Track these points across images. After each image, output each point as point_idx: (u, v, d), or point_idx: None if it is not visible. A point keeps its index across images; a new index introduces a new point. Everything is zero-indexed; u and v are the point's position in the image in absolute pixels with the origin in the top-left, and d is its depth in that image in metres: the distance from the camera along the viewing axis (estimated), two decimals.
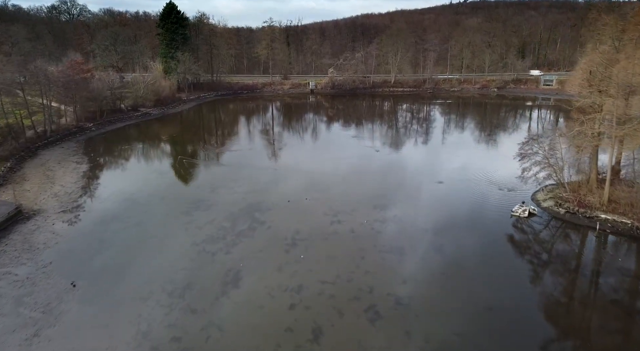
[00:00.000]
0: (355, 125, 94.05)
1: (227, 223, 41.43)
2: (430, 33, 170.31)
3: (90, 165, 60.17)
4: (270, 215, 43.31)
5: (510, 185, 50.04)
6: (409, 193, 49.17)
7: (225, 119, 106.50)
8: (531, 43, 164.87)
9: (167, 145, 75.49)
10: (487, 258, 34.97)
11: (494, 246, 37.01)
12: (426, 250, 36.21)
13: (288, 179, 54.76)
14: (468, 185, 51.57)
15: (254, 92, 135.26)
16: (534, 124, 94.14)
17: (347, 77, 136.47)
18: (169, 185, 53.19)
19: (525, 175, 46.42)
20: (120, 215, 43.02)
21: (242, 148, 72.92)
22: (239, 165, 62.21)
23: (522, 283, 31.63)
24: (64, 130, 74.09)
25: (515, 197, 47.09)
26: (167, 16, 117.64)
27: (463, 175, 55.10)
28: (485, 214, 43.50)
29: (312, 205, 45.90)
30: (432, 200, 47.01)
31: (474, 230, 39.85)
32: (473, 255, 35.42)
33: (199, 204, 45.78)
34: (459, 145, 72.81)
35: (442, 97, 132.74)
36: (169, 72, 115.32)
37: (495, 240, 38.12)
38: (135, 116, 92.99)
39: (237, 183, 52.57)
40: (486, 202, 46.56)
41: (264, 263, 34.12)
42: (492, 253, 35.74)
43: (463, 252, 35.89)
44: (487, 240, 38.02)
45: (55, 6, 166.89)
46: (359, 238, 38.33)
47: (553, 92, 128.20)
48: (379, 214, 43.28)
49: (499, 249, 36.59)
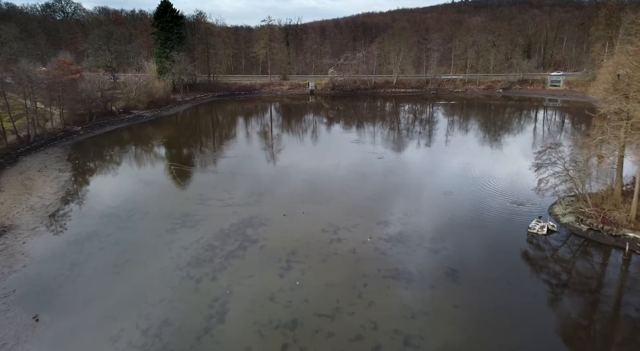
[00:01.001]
0: (357, 128, 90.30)
1: (216, 241, 37.58)
2: (433, 32, 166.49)
3: (74, 173, 56.37)
4: (264, 231, 39.46)
5: (524, 196, 46.22)
6: (415, 206, 45.27)
7: (221, 122, 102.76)
8: (537, 42, 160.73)
9: (157, 150, 71.64)
10: (504, 285, 31.08)
11: (513, 270, 33.10)
12: (436, 275, 32.30)
13: (284, 189, 50.90)
14: (478, 196, 47.68)
15: (252, 93, 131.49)
16: (545, 128, 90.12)
17: (347, 78, 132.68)
18: (155, 196, 49.30)
19: (541, 187, 42.58)
20: (99, 233, 39.17)
21: (237, 154, 69.25)
22: (233, 172, 58.35)
23: (545, 316, 27.74)
24: (50, 134, 70.30)
25: (530, 211, 43.27)
26: (161, 15, 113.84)
27: (472, 185, 51.20)
28: (499, 231, 39.60)
29: (309, 219, 42.05)
30: (440, 215, 43.09)
31: (488, 250, 35.94)
32: (489, 281, 31.53)
33: (186, 219, 41.94)
34: (466, 151, 68.94)
35: (446, 98, 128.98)
36: (163, 73, 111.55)
37: (513, 263, 34.21)
38: (127, 119, 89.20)
39: (230, 194, 48.76)
40: (499, 216, 42.66)
41: (255, 291, 30.27)
42: (510, 278, 31.84)
43: (477, 278, 32.00)
44: (504, 263, 34.10)
45: (50, 4, 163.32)
46: (361, 261, 34.45)
47: (561, 93, 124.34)
48: (383, 231, 39.39)
49: (518, 273, 32.68)
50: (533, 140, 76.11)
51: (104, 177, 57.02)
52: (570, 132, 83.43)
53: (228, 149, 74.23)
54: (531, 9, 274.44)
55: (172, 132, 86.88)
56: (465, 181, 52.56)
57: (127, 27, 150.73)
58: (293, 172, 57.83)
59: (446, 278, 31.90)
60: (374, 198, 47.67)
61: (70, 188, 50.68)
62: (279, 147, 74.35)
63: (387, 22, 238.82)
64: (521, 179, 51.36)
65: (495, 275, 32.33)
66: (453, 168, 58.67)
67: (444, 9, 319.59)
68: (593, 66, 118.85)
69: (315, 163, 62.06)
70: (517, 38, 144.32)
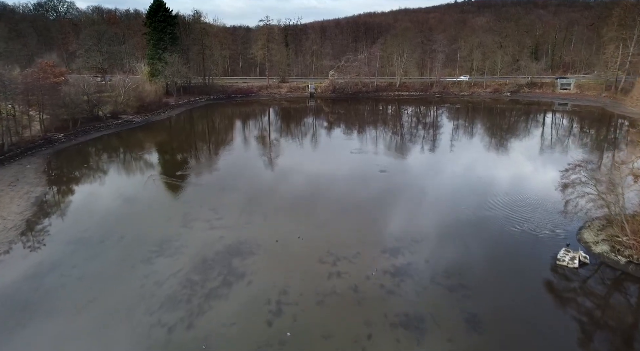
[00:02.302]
0: (358, 134, 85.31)
1: (197, 275, 32.49)
2: (437, 33, 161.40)
3: (47, 188, 51.34)
4: (253, 262, 34.37)
5: (547, 219, 41.09)
6: (424, 230, 40.07)
7: (214, 128, 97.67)
8: (545, 43, 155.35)
9: (143, 160, 66.42)
10: (536, 335, 25.94)
11: (544, 314, 27.95)
12: (454, 323, 27.17)
13: (279, 207, 45.79)
14: (495, 219, 42.54)
15: (249, 96, 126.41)
16: (560, 134, 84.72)
17: (349, 80, 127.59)
18: (134, 216, 44.20)
19: (569, 210, 37.51)
20: (63, 264, 34.07)
21: (230, 165, 64.22)
22: (223, 187, 53.15)
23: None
24: (28, 142, 65.27)
25: (555, 236, 38.18)
26: (154, 14, 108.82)
27: (487, 205, 46.00)
28: (523, 262, 34.42)
29: (305, 247, 36.95)
30: (453, 242, 37.92)
31: (512, 288, 30.80)
32: (516, 328, 26.42)
33: (165, 246, 36.84)
34: (478, 163, 63.83)
35: (451, 101, 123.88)
36: (156, 75, 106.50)
37: (543, 303, 29.05)
38: (115, 124, 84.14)
39: (217, 214, 43.68)
40: (521, 243, 37.49)
41: (236, 346, 25.20)
42: (542, 326, 26.70)
43: (503, 325, 26.91)
44: (533, 304, 28.93)
45: (42, 3, 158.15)
46: (365, 302, 29.33)
47: (571, 96, 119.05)
48: (389, 262, 34.26)
49: (549, 317, 27.54)
50: (550, 151, 70.92)
51: (80, 193, 51.80)
52: (593, 142, 77.95)
53: (220, 159, 69.22)
54: (536, 9, 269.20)
55: (161, 138, 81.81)
56: (480, 200, 47.28)
57: (120, 27, 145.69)
58: (288, 187, 52.72)
59: (466, 327, 26.75)
60: (378, 220, 42.57)
61: (39, 207, 45.61)
62: (275, 157, 69.26)
63: (389, 23, 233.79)
64: (543, 198, 46.28)
65: (524, 321, 27.17)
66: (465, 184, 53.31)
67: (447, 9, 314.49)
68: (606, 69, 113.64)
69: (313, 177, 56.85)
70: (525, 39, 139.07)
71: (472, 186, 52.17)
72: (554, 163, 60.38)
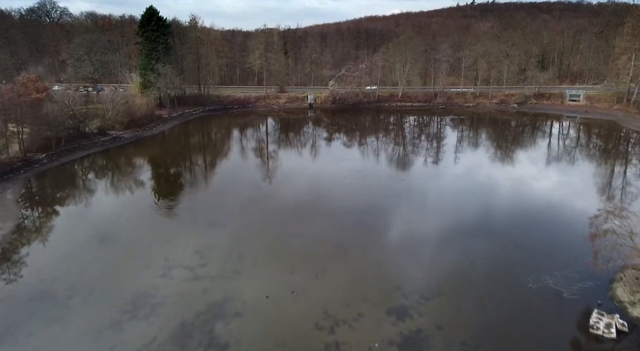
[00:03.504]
0: (359, 151, 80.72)
1: (173, 346, 27.92)
2: (441, 41, 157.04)
3: (16, 223, 46.72)
4: (238, 327, 29.78)
5: (572, 268, 36.39)
6: (434, 284, 35.18)
7: (208, 144, 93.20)
8: (551, 51, 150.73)
9: (127, 185, 61.74)
10: None
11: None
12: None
13: (271, 249, 41.21)
14: (512, 264, 37.91)
15: (245, 107, 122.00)
16: (576, 159, 79.86)
17: (349, 90, 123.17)
18: (109, 260, 39.48)
19: (599, 263, 32.94)
20: (17, 331, 29.46)
21: (220, 191, 59.57)
22: (211, 222, 48.07)
23: None
24: (4, 165, 60.75)
25: (583, 291, 33.53)
26: (146, 23, 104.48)
27: (503, 249, 41.33)
28: (549, 328, 29.77)
29: (300, 304, 32.36)
30: (468, 301, 33.14)
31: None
32: None
33: (139, 304, 32.23)
34: (491, 193, 59.22)
35: (456, 112, 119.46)
36: (148, 87, 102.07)
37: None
38: (102, 142, 79.64)
39: (202, 258, 39.12)
40: (544, 299, 32.81)
41: None
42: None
43: None
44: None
45: (34, 9, 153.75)
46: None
47: (581, 109, 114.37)
48: (395, 329, 29.59)
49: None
50: (566, 177, 65.92)
51: (54, 231, 46.78)
52: (611, 167, 73.02)
53: (211, 184, 64.53)
54: (540, 14, 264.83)
55: (150, 157, 77.15)
56: (495, 243, 42.63)
57: (114, 34, 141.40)
58: (284, 223, 47.82)
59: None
60: (382, 267, 37.94)
61: (3, 251, 40.94)
62: (270, 183, 64.53)
63: (390, 29, 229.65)
64: (566, 241, 41.65)
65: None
66: (479, 222, 47.99)
67: (449, 13, 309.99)
68: (617, 80, 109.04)
69: (310, 212, 51.36)
70: (532, 47, 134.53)
71: (487, 224, 47.33)
72: (572, 196, 55.96)
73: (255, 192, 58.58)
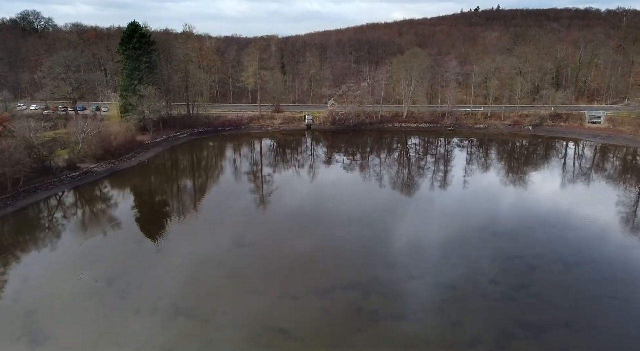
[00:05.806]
0: (363, 184, 71.27)
1: None
2: (446, 51, 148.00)
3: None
4: None
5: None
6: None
7: (191, 178, 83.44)
8: (565, 66, 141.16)
9: (83, 249, 50.71)
10: None
11: None
12: None
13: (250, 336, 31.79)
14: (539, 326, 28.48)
15: (238, 128, 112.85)
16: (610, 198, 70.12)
17: (350, 110, 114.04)
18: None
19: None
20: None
21: (194, 254, 48.93)
22: (176, 309, 38.47)
23: None
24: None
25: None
26: (128, 40, 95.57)
27: (526, 311, 31.85)
28: None
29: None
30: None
31: None
32: None
33: None
34: (514, 241, 49.73)
35: (465, 134, 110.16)
36: (129, 110, 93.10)
37: None
38: (70, 178, 70.50)
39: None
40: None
41: None
42: None
43: None
44: None
45: (16, 20, 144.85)
46: None
47: (602, 132, 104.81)
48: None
49: None
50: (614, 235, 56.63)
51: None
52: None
53: (186, 242, 53.57)
54: (548, 22, 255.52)
55: (121, 199, 66.99)
56: (515, 307, 33.17)
57: (99, 48, 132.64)
58: (267, 290, 38.35)
59: None
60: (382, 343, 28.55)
61: None
62: (255, 239, 55.13)
63: (393, 38, 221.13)
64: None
65: None
66: (500, 290, 39.00)
67: (453, 21, 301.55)
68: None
69: (299, 288, 42.34)
70: (546, 64, 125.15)
71: (506, 288, 37.93)
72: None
73: (236, 255, 48.93)
